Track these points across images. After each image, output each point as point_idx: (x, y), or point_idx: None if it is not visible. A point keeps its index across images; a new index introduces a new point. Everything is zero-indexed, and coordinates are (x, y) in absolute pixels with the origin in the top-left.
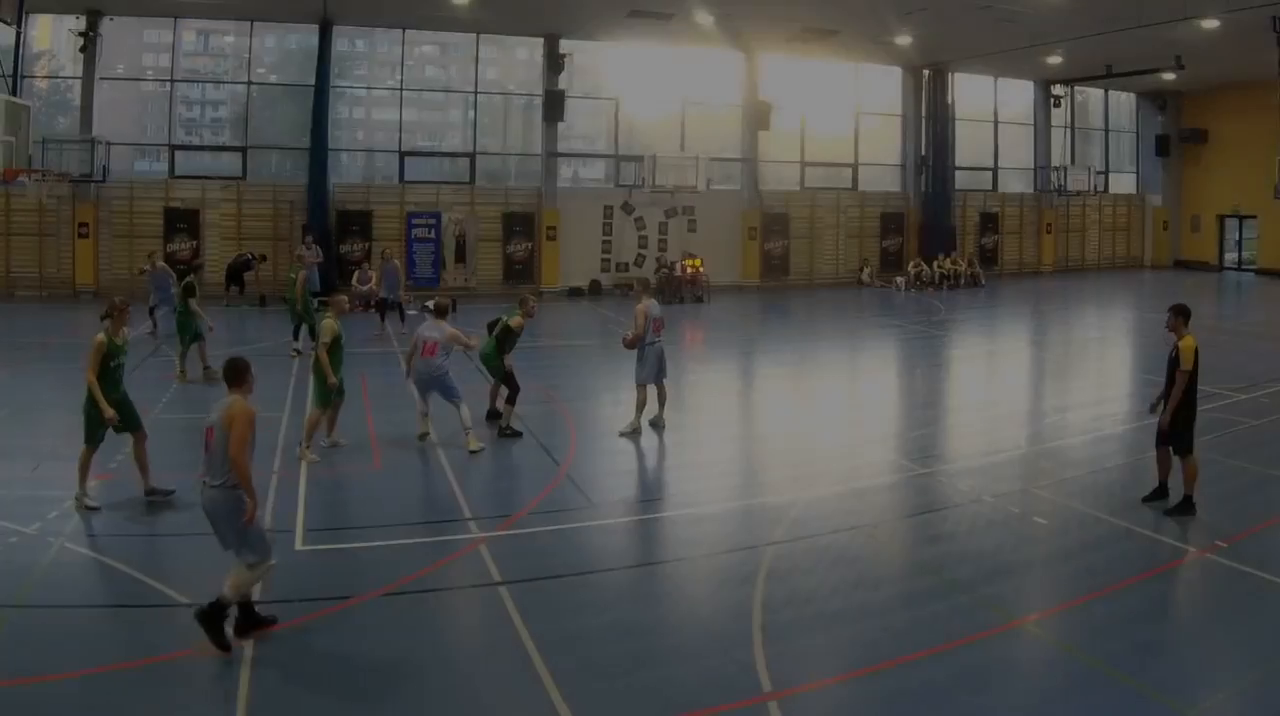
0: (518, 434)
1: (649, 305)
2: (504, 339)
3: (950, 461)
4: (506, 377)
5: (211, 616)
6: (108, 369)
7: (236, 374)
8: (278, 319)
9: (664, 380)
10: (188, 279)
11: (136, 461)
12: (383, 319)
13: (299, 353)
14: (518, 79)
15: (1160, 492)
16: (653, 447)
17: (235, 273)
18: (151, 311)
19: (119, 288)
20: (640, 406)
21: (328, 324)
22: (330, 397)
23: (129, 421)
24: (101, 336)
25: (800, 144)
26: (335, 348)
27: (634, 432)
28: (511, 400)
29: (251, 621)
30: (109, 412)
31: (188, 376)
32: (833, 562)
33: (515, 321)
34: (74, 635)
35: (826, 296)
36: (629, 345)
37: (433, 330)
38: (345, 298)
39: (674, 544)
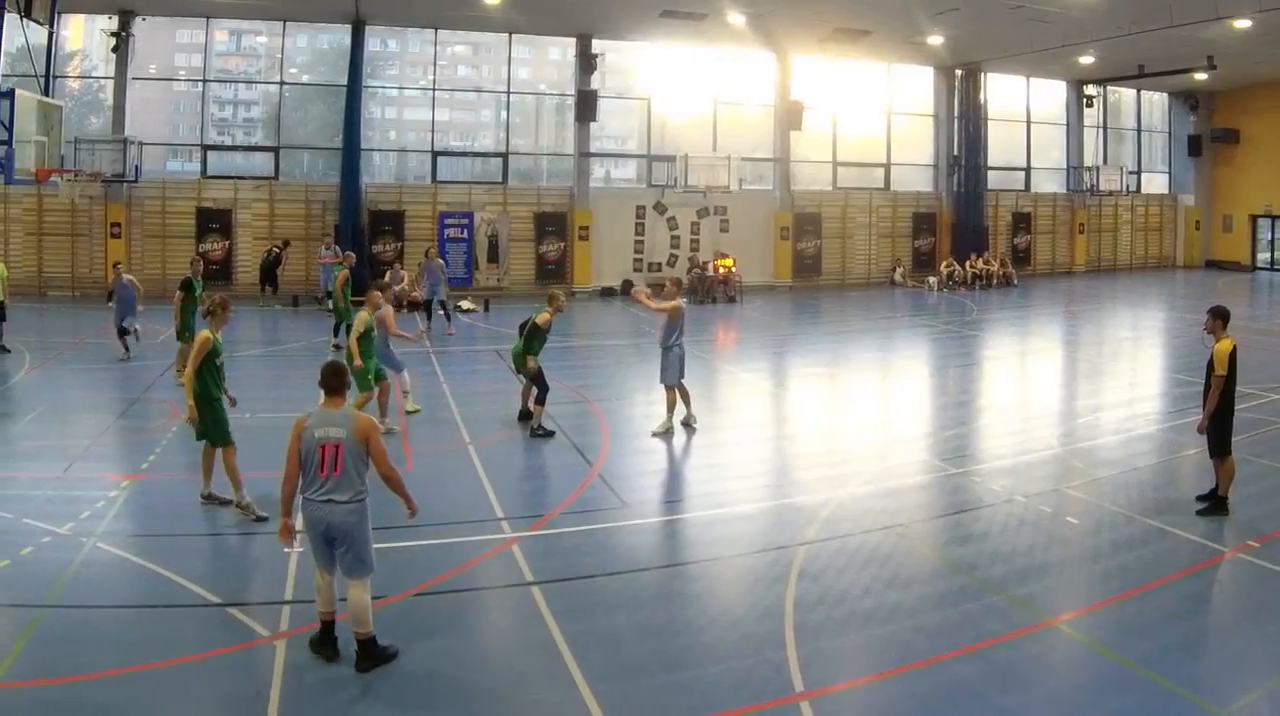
0: (550, 434)
1: (682, 303)
2: (533, 336)
3: (982, 461)
4: (536, 377)
5: (371, 654)
6: (212, 366)
7: (339, 380)
8: (310, 319)
9: (681, 380)
10: (186, 276)
11: (205, 462)
12: (429, 318)
13: (338, 347)
14: (550, 79)
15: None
16: (685, 448)
17: (268, 271)
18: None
19: (151, 288)
20: (671, 407)
21: (362, 316)
22: (370, 383)
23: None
24: (206, 332)
25: (833, 144)
26: (365, 338)
27: (666, 433)
28: (541, 400)
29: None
30: (194, 413)
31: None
32: (865, 562)
33: (542, 318)
34: (105, 635)
35: (859, 296)
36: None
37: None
38: (379, 293)
39: (706, 544)
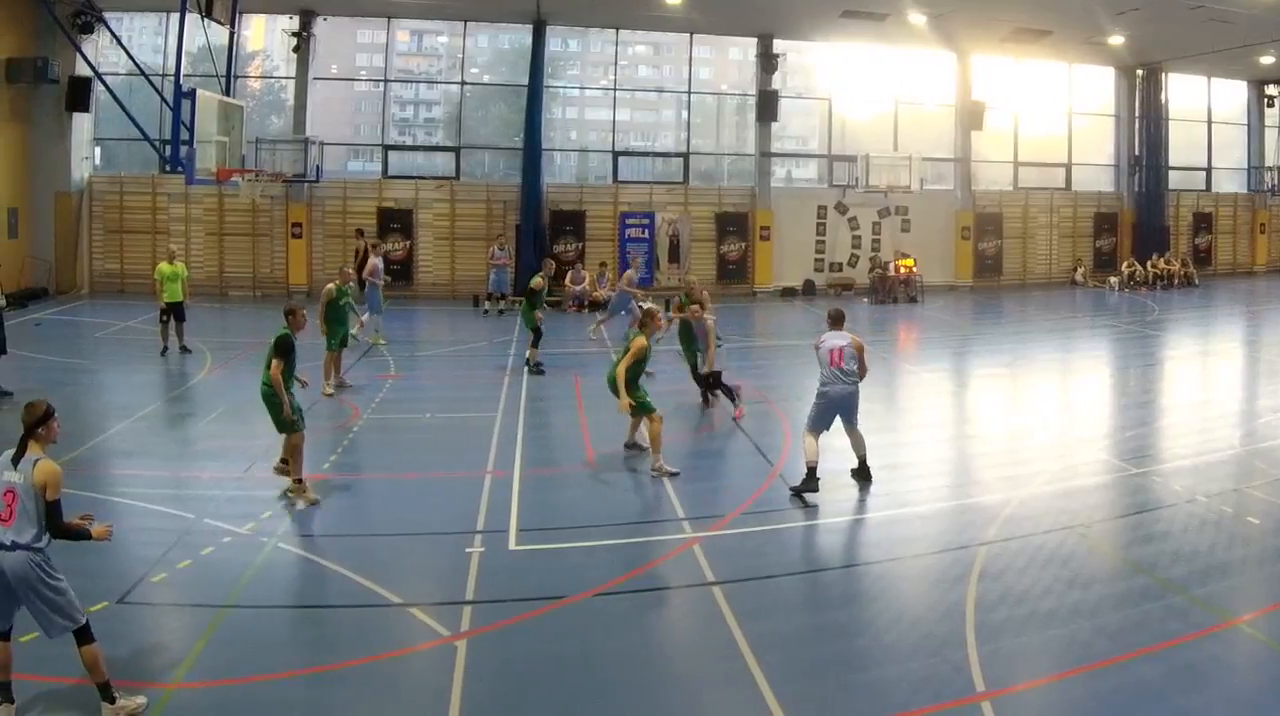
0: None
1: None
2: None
3: (1163, 461)
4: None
5: (866, 471)
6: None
7: (842, 316)
8: (492, 320)
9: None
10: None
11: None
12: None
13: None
14: (731, 79)
15: None
16: (868, 448)
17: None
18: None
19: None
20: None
21: (330, 288)
22: (337, 342)
23: None
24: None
25: (1014, 144)
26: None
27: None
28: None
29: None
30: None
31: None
32: (1045, 562)
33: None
34: (286, 635)
35: (1039, 296)
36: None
37: None
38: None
39: (887, 544)
